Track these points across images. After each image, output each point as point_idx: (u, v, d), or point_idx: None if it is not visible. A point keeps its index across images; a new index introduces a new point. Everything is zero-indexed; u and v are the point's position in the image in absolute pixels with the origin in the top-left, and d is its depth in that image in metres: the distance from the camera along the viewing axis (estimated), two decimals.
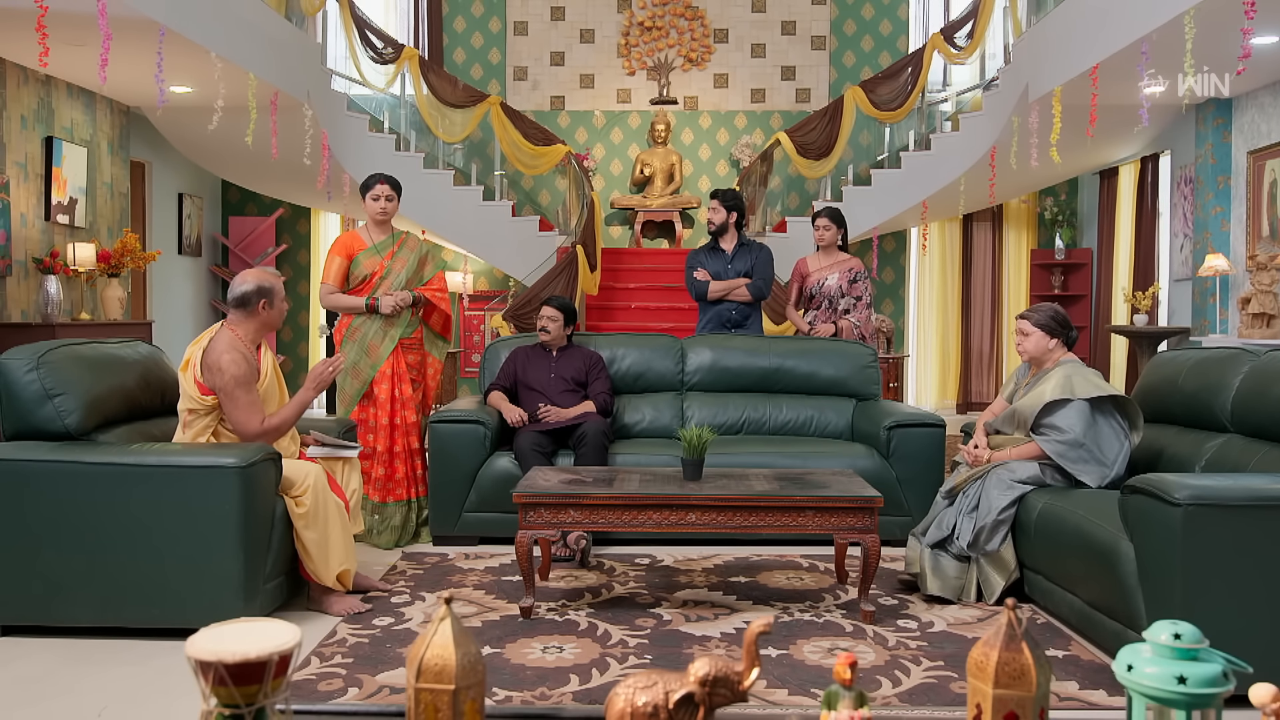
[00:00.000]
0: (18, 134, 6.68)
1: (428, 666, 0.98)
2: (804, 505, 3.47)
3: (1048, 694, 1.01)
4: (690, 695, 1.01)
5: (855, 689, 1.01)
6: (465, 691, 0.98)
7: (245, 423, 3.49)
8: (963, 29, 8.68)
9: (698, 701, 1.01)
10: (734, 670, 1.04)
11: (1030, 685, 0.98)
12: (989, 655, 0.99)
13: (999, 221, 10.49)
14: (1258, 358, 3.59)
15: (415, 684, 0.99)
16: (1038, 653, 1.00)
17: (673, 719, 1.00)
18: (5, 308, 6.57)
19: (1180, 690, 0.98)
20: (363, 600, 3.72)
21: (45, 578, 3.26)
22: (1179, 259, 8.18)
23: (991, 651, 1.00)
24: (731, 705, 1.03)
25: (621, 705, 1.00)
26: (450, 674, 0.98)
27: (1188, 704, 0.98)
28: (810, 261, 5.75)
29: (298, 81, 7.47)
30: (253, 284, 3.64)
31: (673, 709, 1.00)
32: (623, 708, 1.00)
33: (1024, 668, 0.98)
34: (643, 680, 1.02)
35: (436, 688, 0.97)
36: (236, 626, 0.97)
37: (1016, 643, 0.99)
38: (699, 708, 1.01)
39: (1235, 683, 1.03)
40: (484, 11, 10.52)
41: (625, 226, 10.51)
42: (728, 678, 1.03)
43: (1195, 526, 2.76)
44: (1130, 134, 8.23)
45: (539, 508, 3.51)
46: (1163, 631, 1.02)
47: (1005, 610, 1.02)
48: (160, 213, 9.19)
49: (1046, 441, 3.74)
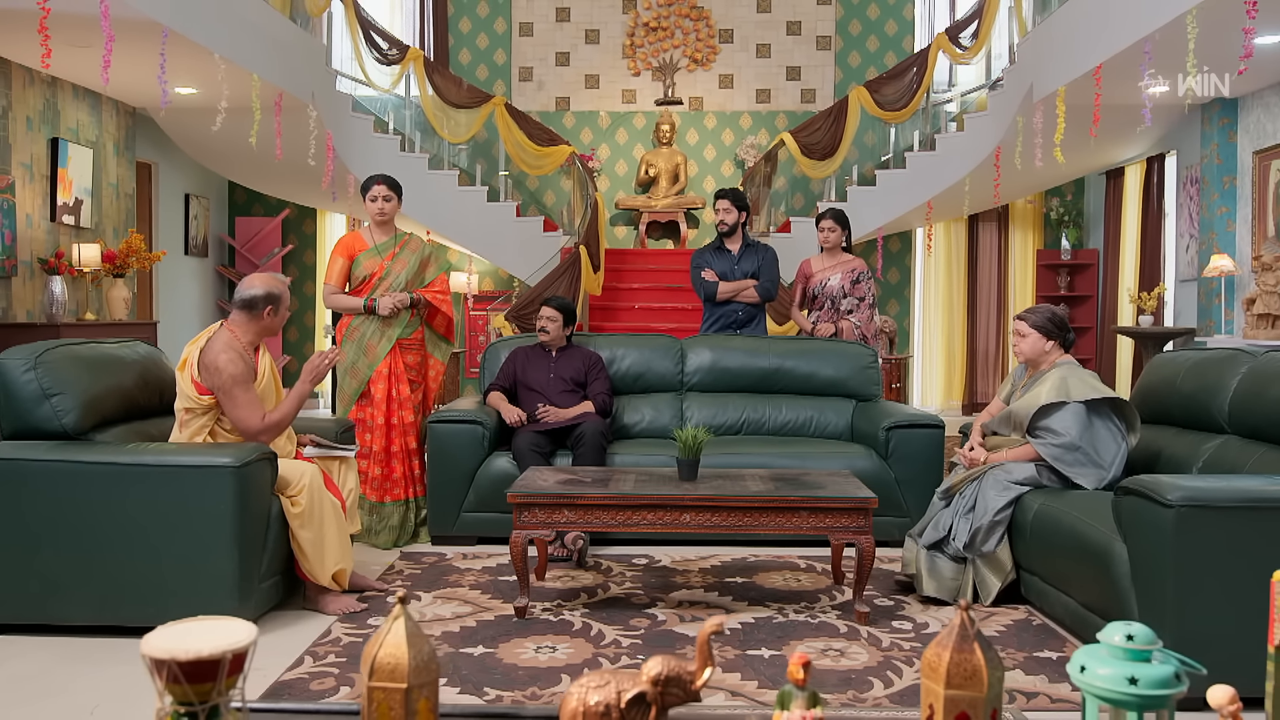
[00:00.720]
0: (23, 135, 6.72)
1: (380, 666, 0.99)
2: (798, 506, 3.47)
3: (1000, 694, 1.01)
4: (642, 695, 1.01)
5: (809, 689, 1.01)
6: (418, 690, 0.99)
7: (246, 420, 3.51)
8: (968, 29, 8.66)
9: (650, 701, 1.01)
10: (686, 670, 1.04)
11: (981, 686, 0.97)
12: (941, 656, 0.99)
13: (1005, 222, 10.47)
14: (1255, 359, 3.57)
15: (369, 683, 0.99)
16: (990, 654, 1.00)
17: (625, 718, 1.00)
18: (11, 308, 6.60)
19: (1131, 691, 0.98)
20: (359, 600, 3.73)
21: (42, 576, 3.27)
22: (1185, 259, 8.14)
23: (944, 652, 1.00)
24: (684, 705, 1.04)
25: (574, 704, 1.01)
26: (403, 673, 0.98)
27: (1139, 705, 0.98)
28: (814, 262, 5.75)
29: (302, 82, 7.49)
30: (261, 289, 3.66)
31: (625, 708, 1.00)
32: (575, 707, 1.00)
33: (976, 669, 0.98)
34: (595, 680, 1.03)
35: (389, 686, 0.97)
36: (193, 625, 0.98)
37: (969, 644, 0.99)
38: (651, 707, 1.01)
39: (1188, 684, 1.02)
40: (489, 12, 10.54)
41: (630, 227, 10.51)
42: (680, 677, 1.03)
43: (1187, 528, 2.75)
44: (1135, 134, 8.20)
45: (533, 508, 3.51)
46: (1116, 633, 1.02)
47: (958, 611, 1.02)
48: (166, 213, 9.23)
49: (1042, 445, 3.73)
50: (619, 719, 1.00)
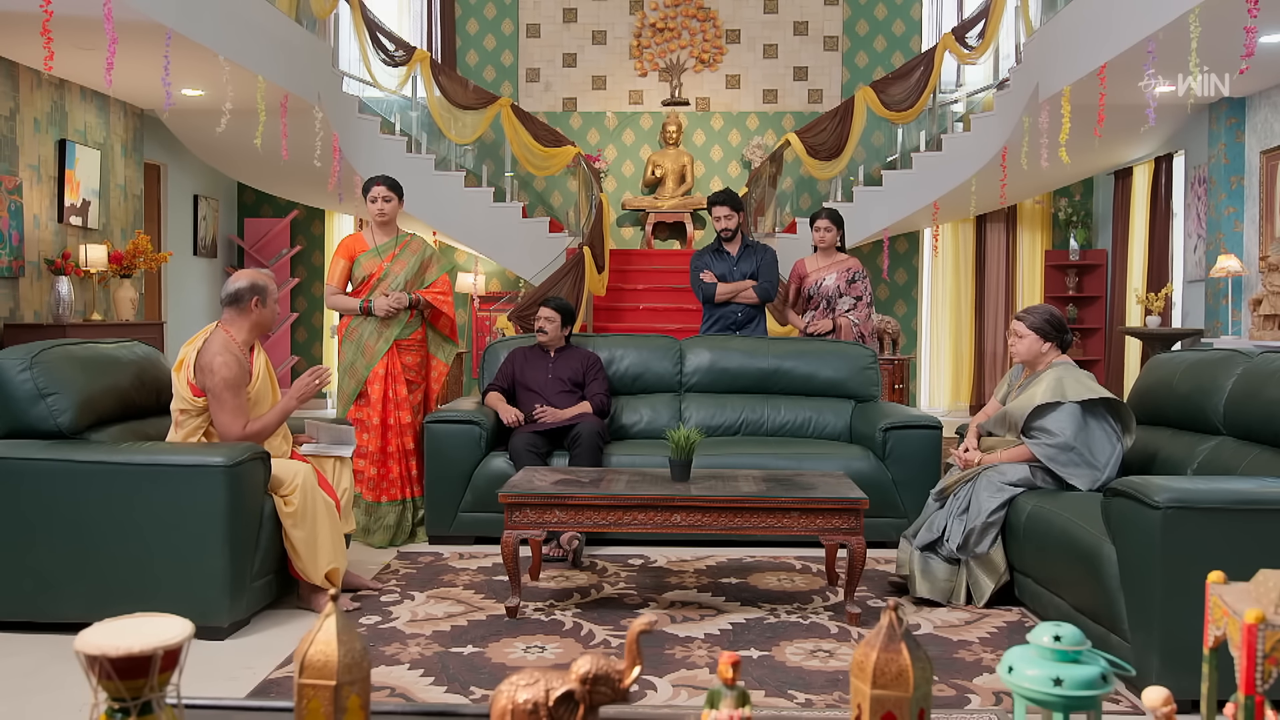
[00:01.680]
0: (30, 137, 6.77)
1: (310, 662, 1.00)
2: (789, 507, 3.47)
3: (928, 695, 1.00)
4: (570, 693, 1.02)
5: (738, 688, 1.01)
6: (347, 687, 0.99)
7: (229, 425, 3.52)
8: (974, 29, 8.63)
9: (578, 699, 1.02)
10: (615, 669, 1.05)
11: (907, 686, 0.97)
12: (868, 656, 0.99)
13: (1013, 222, 10.42)
14: (1251, 360, 3.55)
15: (299, 680, 1.00)
16: (917, 654, 1.00)
17: (553, 716, 1.01)
18: (18, 308, 6.66)
19: (1056, 692, 0.98)
20: (352, 599, 3.75)
21: (35, 574, 3.30)
22: (1192, 260, 8.09)
23: (871, 652, 1.00)
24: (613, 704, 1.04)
25: (504, 703, 1.01)
26: (332, 670, 0.99)
27: (1064, 706, 0.98)
28: (808, 262, 5.75)
29: (308, 84, 7.52)
30: (246, 281, 3.68)
31: (553, 706, 1.01)
32: (505, 705, 1.01)
33: (902, 669, 0.98)
34: (525, 678, 1.03)
35: (318, 683, 0.98)
36: (129, 621, 0.98)
37: (896, 644, 0.99)
38: (579, 705, 1.02)
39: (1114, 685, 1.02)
40: (496, 14, 10.56)
41: (637, 228, 10.52)
42: (609, 676, 1.03)
43: (1174, 529, 2.74)
44: (1142, 134, 8.15)
45: (524, 508, 3.52)
46: (1045, 634, 1.01)
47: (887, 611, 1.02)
48: (175, 214, 9.29)
49: (1036, 445, 3.72)
50: (547, 716, 1.00)
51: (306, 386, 3.68)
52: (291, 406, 3.68)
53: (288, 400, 3.67)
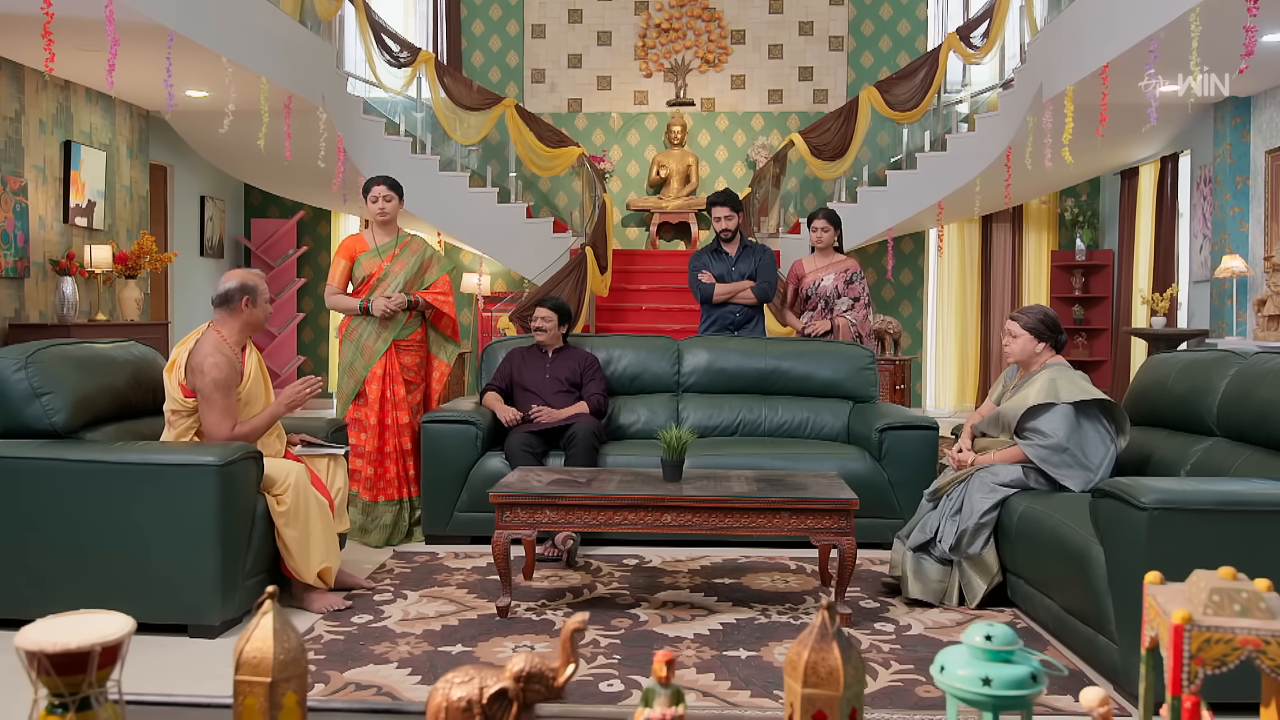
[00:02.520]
0: (36, 138, 6.82)
1: (246, 659, 1.01)
2: (779, 507, 3.47)
3: (860, 694, 1.00)
4: (504, 691, 1.02)
5: (672, 687, 1.01)
6: (283, 684, 1.00)
7: (216, 426, 3.54)
8: (979, 28, 8.61)
9: (511, 697, 1.02)
10: (549, 667, 1.05)
11: (838, 685, 0.97)
12: (800, 655, 1.00)
13: (1019, 222, 10.39)
14: (1245, 360, 3.53)
15: (235, 676, 1.01)
16: (849, 653, 1.00)
17: (486, 714, 1.01)
18: (24, 308, 6.71)
19: (985, 692, 0.98)
20: (344, 598, 3.76)
21: (29, 572, 3.32)
22: (1198, 260, 8.05)
23: (803, 651, 1.00)
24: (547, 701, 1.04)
25: (438, 700, 1.02)
26: (267, 667, 0.99)
27: (994, 705, 0.98)
28: (806, 263, 5.74)
29: (311, 85, 7.55)
30: (236, 282, 3.70)
31: (486, 704, 1.01)
32: (439, 702, 1.01)
33: (833, 668, 0.98)
34: (460, 675, 1.04)
35: (254, 680, 0.99)
36: (71, 618, 0.99)
37: (827, 643, 0.99)
38: (513, 703, 1.02)
39: (1045, 685, 1.02)
40: (502, 15, 10.58)
41: (642, 228, 10.52)
42: (542, 674, 1.04)
43: (1161, 531, 2.73)
44: (1146, 134, 8.12)
45: (515, 508, 3.53)
46: (977, 633, 1.01)
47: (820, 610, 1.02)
48: (182, 215, 9.33)
49: (1029, 445, 3.71)
50: (480, 714, 1.01)
51: (297, 394, 3.70)
52: (280, 412, 3.70)
53: (276, 406, 3.70)
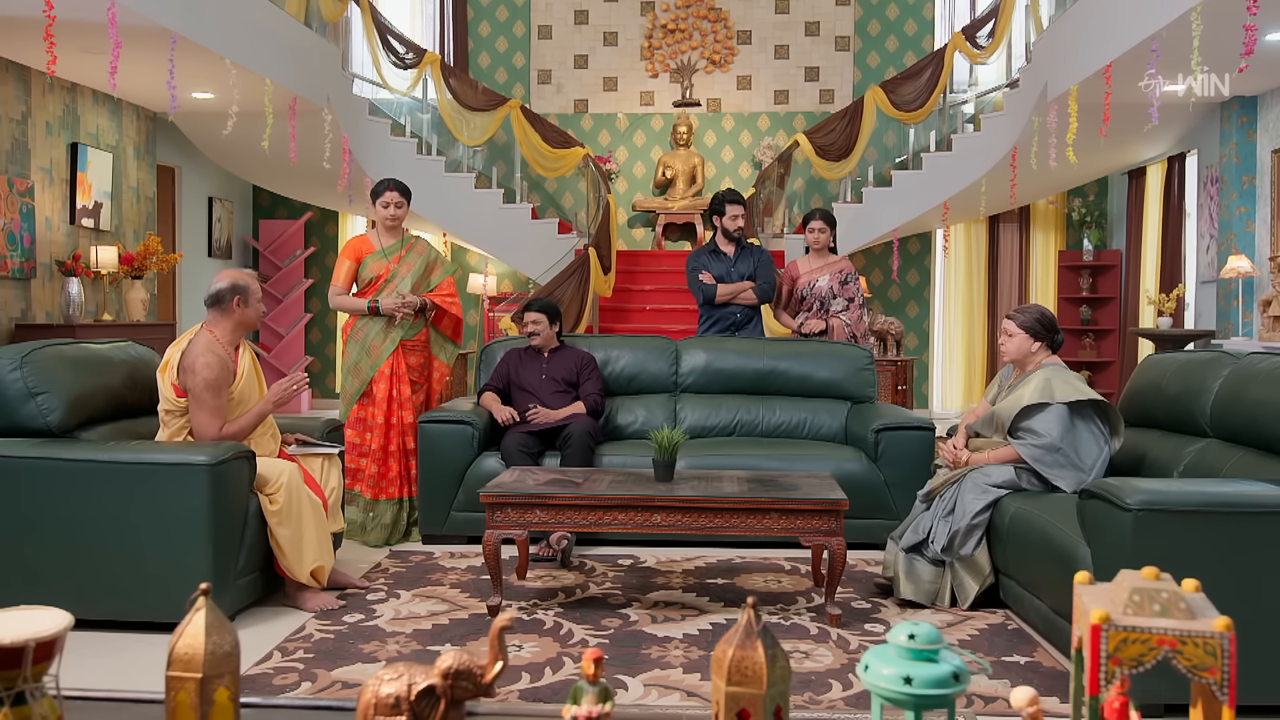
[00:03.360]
0: (42, 140, 6.87)
1: (178, 655, 1.02)
2: (769, 507, 3.47)
3: (785, 693, 1.01)
4: (432, 687, 1.03)
5: (600, 684, 1.02)
6: (214, 680, 1.01)
7: (205, 426, 3.57)
8: (984, 28, 8.58)
9: (439, 694, 1.03)
10: (478, 665, 1.06)
11: (761, 684, 0.98)
12: (725, 653, 1.00)
13: (1026, 222, 10.35)
14: (1238, 361, 3.52)
15: (167, 672, 1.02)
16: (773, 652, 1.00)
17: (414, 710, 1.02)
18: (30, 309, 6.76)
19: (906, 691, 0.98)
20: (337, 597, 3.78)
21: (24, 570, 3.35)
22: (1205, 260, 8.00)
23: (728, 649, 1.00)
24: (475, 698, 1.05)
25: (368, 696, 1.03)
26: (198, 663, 1.01)
27: (915, 704, 0.98)
28: (801, 264, 5.73)
29: (317, 87, 7.59)
30: (227, 282, 3.72)
31: (414, 700, 1.02)
32: (369, 699, 1.02)
33: (756, 666, 0.98)
34: (390, 672, 1.05)
35: (185, 676, 1.00)
36: (8, 614, 1.01)
37: (751, 641, 1.00)
38: (440, 700, 1.03)
39: (967, 685, 1.02)
40: (508, 16, 10.61)
41: (648, 228, 10.53)
42: (470, 671, 1.05)
43: (1146, 531, 2.72)
44: (1151, 134, 8.08)
45: (506, 508, 3.54)
46: (901, 632, 1.02)
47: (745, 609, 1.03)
48: (190, 216, 9.39)
49: (1023, 445, 3.69)
50: (408, 710, 1.02)
51: (284, 391, 3.72)
52: (267, 410, 3.73)
53: (264, 404, 3.72)
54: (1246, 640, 2.68)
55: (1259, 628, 2.68)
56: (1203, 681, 0.93)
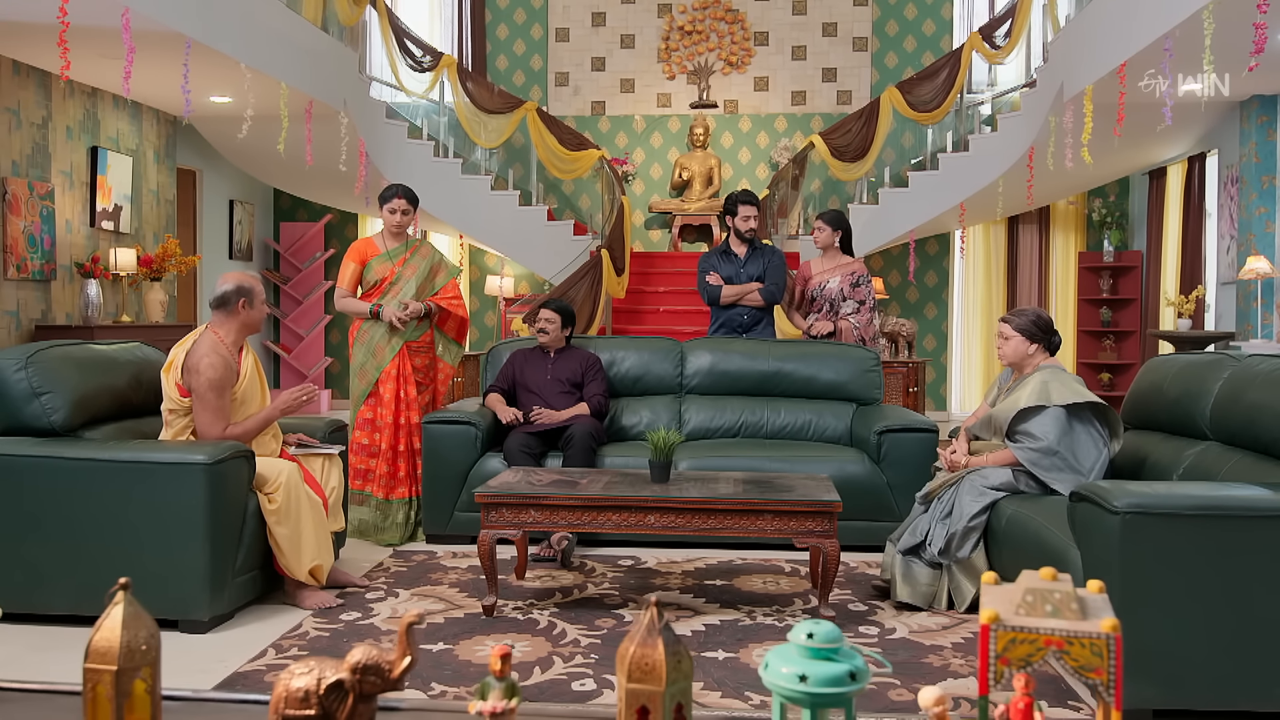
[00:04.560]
0: (63, 144, 6.98)
1: (95, 648, 1.04)
2: (762, 509, 3.47)
3: (686, 690, 1.01)
4: (340, 682, 1.05)
5: (507, 680, 1.03)
6: (130, 672, 1.03)
7: (209, 426, 3.61)
8: (1001, 27, 8.53)
9: (348, 688, 1.05)
10: (386, 659, 1.07)
11: (660, 681, 0.98)
12: (627, 649, 1.01)
13: (1046, 223, 10.26)
14: (1239, 363, 3.48)
15: (84, 664, 1.04)
16: (674, 649, 1.01)
17: (323, 704, 1.04)
18: (50, 310, 6.87)
19: (801, 689, 0.98)
20: (336, 596, 3.81)
21: (27, 567, 3.41)
22: (1225, 261, 7.90)
23: (630, 646, 1.01)
24: (384, 693, 1.07)
25: (279, 690, 1.05)
26: (114, 655, 1.03)
27: (811, 702, 0.98)
28: (813, 264, 5.72)
29: (333, 90, 7.66)
30: (233, 284, 3.77)
31: (323, 694, 1.04)
32: (280, 693, 1.04)
33: (656, 664, 0.99)
34: (302, 667, 1.06)
35: (100, 668, 1.02)
36: None
37: (653, 638, 1.00)
38: (349, 694, 1.05)
39: (864, 683, 1.02)
40: (526, 19, 10.65)
41: (664, 230, 10.54)
42: (379, 666, 1.06)
43: (1134, 534, 2.70)
44: (1176, 133, 7.99)
45: (500, 508, 3.56)
46: (801, 631, 1.02)
47: (648, 607, 1.03)
48: (211, 218, 9.50)
49: (1020, 448, 3.67)
50: (317, 704, 1.03)
51: (293, 400, 3.77)
52: (273, 416, 3.78)
53: (271, 409, 3.77)
54: (1234, 644, 2.67)
55: (1247, 632, 2.65)
56: (1090, 682, 0.93)
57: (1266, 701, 2.67)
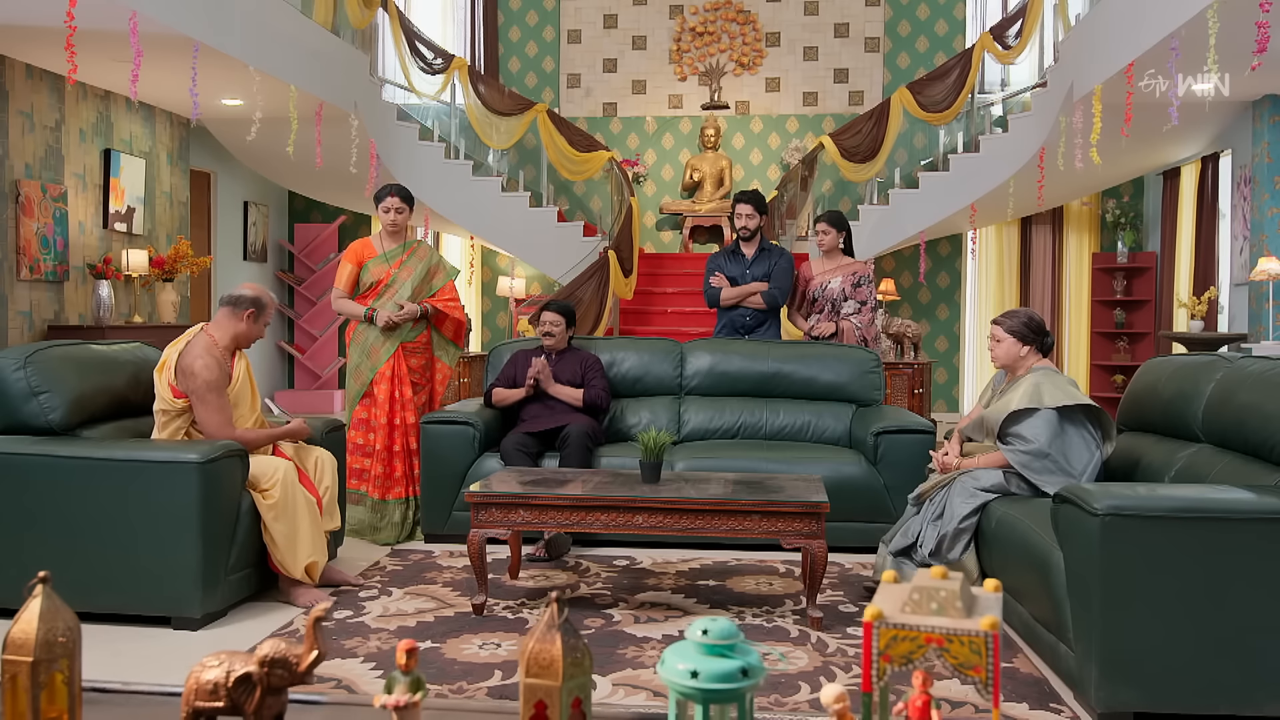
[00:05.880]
0: (76, 146, 7.07)
1: (12, 640, 1.07)
2: (750, 509, 3.48)
3: (584, 686, 1.03)
4: (248, 675, 1.07)
5: (413, 674, 1.05)
6: (46, 664, 1.06)
7: (216, 425, 3.67)
8: (1012, 27, 8.48)
9: (255, 681, 1.07)
10: (294, 653, 1.09)
11: (557, 676, 1.00)
12: (526, 645, 1.02)
13: (1059, 224, 10.20)
14: (1231, 365, 3.45)
15: (3, 655, 1.07)
16: (571, 644, 1.02)
17: (231, 697, 1.06)
18: (63, 311, 6.96)
19: (692, 685, 0.99)
20: (330, 594, 3.85)
21: (23, 563, 3.46)
22: (1239, 262, 7.83)
23: (529, 641, 1.03)
24: (292, 686, 1.08)
25: (191, 683, 1.07)
26: (30, 647, 1.05)
27: (703, 698, 0.99)
28: (815, 265, 5.70)
29: (343, 92, 7.72)
30: (251, 293, 3.85)
31: (231, 687, 1.06)
32: (191, 685, 1.07)
33: (553, 659, 1.00)
34: (213, 660, 1.08)
35: (18, 659, 1.05)
36: None
37: (551, 634, 1.02)
38: (257, 687, 1.07)
39: (758, 680, 1.03)
40: (538, 21, 10.69)
41: (675, 231, 10.55)
42: (286, 660, 1.08)
43: (1114, 536, 2.68)
44: (1188, 133, 7.93)
45: (490, 507, 3.59)
46: (698, 628, 1.03)
47: (548, 602, 1.05)
48: (225, 220, 9.60)
49: (1011, 451, 3.66)
50: (226, 696, 1.05)
51: (296, 429, 3.96)
52: (280, 435, 3.92)
53: (279, 430, 3.92)
54: (1215, 647, 2.65)
55: (1228, 635, 2.63)
56: (970, 680, 0.94)
57: (1247, 705, 2.65)
